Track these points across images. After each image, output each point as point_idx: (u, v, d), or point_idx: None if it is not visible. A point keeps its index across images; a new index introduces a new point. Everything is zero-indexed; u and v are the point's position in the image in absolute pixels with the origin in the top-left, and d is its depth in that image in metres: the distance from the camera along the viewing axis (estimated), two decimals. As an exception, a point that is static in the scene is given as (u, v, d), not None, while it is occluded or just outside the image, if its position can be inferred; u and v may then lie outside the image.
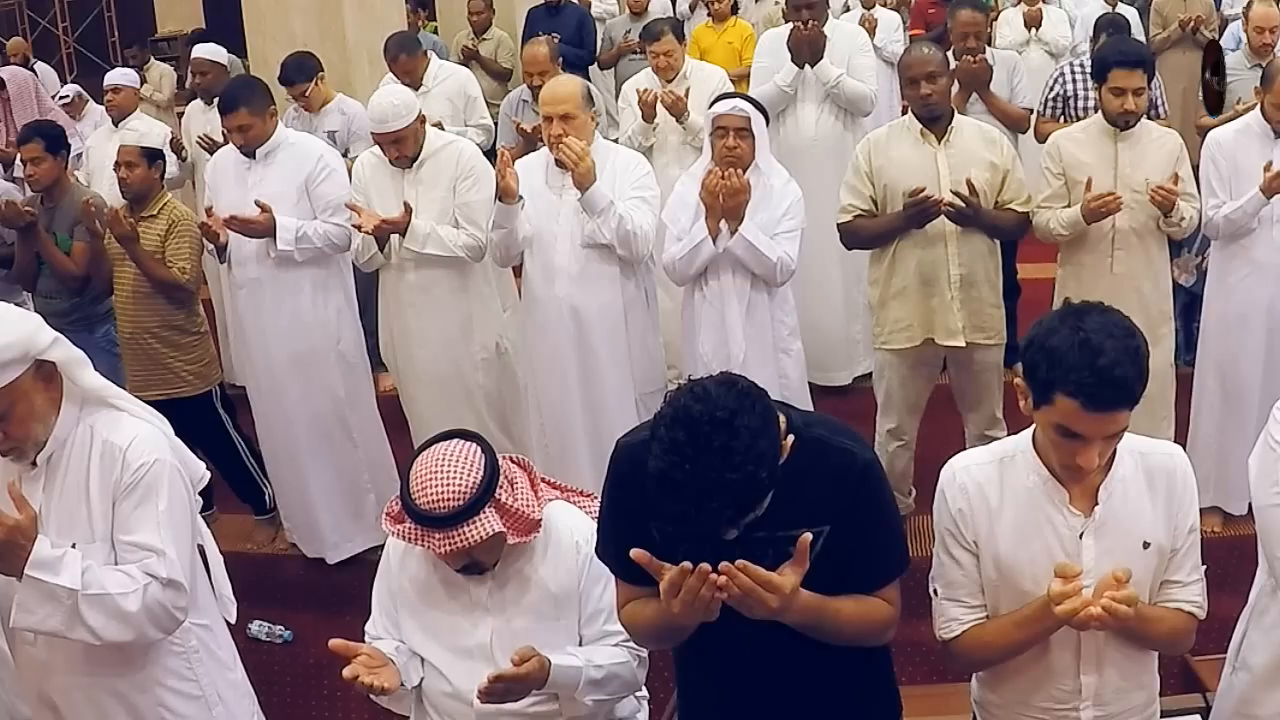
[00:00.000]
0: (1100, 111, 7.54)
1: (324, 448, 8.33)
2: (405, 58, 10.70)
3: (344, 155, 9.29)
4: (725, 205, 7.08)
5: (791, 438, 3.74)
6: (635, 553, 3.67)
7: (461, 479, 4.34)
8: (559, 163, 7.22)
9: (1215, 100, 7.67)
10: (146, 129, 10.03)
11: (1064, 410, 3.76)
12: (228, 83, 8.76)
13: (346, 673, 4.46)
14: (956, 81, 8.54)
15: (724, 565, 3.58)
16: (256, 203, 7.77)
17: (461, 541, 4.31)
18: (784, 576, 3.66)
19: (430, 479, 4.35)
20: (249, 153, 8.00)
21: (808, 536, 3.65)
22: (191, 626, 4.84)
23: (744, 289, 7.35)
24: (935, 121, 7.44)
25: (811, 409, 7.27)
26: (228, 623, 5.17)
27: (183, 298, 8.28)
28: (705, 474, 3.44)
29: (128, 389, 7.29)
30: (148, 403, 5.05)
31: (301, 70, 10.14)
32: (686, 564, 3.58)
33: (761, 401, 3.60)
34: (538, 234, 7.48)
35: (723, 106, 7.35)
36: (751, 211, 7.16)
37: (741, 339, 7.35)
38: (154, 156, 8.31)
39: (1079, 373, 3.68)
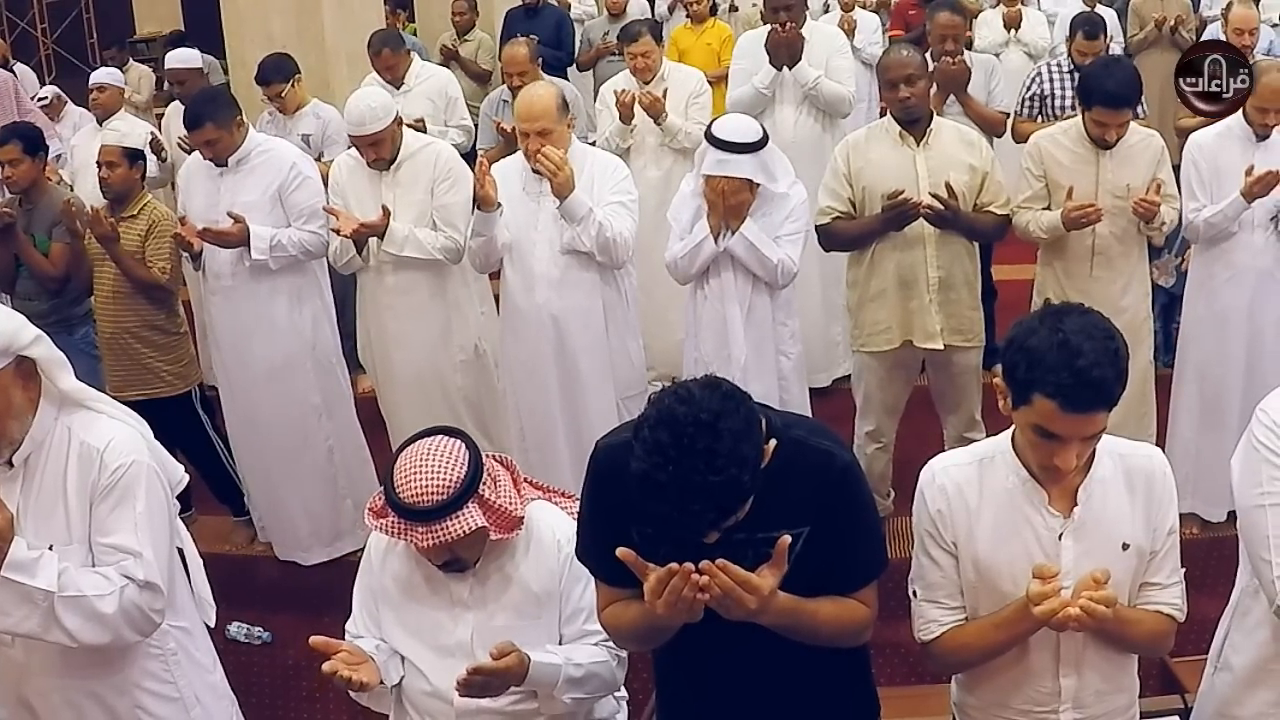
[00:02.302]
0: (1081, 119, 7.53)
1: (299, 454, 8.30)
2: (389, 52, 10.71)
3: (318, 159, 9.28)
4: (727, 204, 7.05)
5: (774, 442, 3.73)
6: (621, 552, 3.66)
7: (446, 473, 4.35)
8: (537, 170, 7.18)
9: (1201, 104, 7.65)
10: (128, 129, 10.01)
11: (1042, 411, 3.77)
12: (191, 97, 8.73)
13: (326, 667, 4.46)
14: (934, 84, 8.53)
15: (704, 564, 3.58)
16: (230, 214, 7.75)
17: (444, 535, 4.32)
18: (762, 578, 3.66)
19: (415, 473, 4.36)
20: (220, 161, 7.97)
21: (786, 539, 3.65)
22: (170, 629, 4.83)
23: (745, 290, 7.29)
24: (914, 124, 7.43)
25: (810, 413, 7.28)
26: (206, 625, 5.17)
27: (163, 298, 8.28)
28: (688, 476, 3.43)
29: (108, 389, 7.38)
30: (127, 403, 5.06)
31: (279, 70, 10.14)
32: (673, 564, 3.59)
33: (745, 405, 3.60)
34: (516, 241, 7.45)
35: (714, 167, 7.02)
36: (755, 213, 7.14)
37: (742, 341, 7.29)
38: (135, 157, 8.31)
39: (1057, 374, 3.69)
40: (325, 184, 8.14)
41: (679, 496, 3.45)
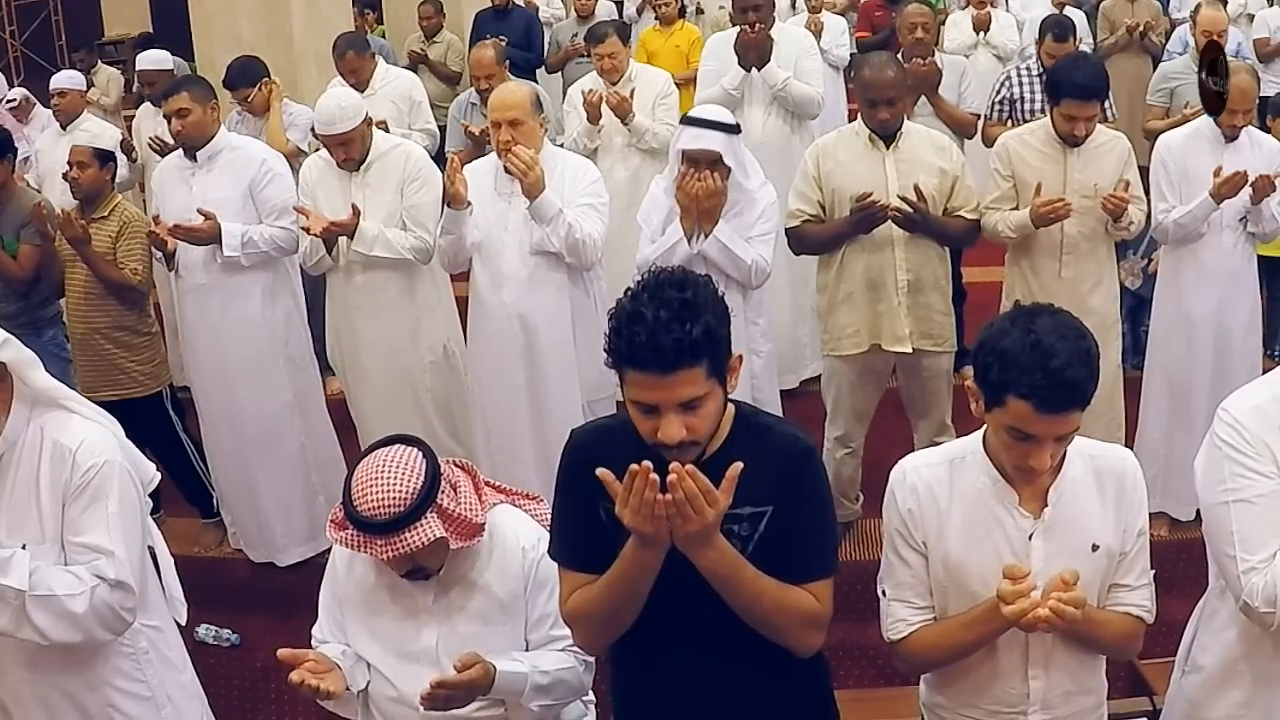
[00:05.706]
0: (1050, 117, 7.55)
1: (272, 451, 8.29)
2: (353, 55, 10.65)
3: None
4: (700, 207, 7.04)
5: (732, 408, 3.92)
6: (600, 472, 3.67)
7: (402, 485, 4.33)
8: (508, 170, 7.17)
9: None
10: (99, 130, 10.05)
11: (1016, 412, 3.79)
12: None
13: (293, 677, 4.45)
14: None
15: (674, 465, 3.61)
16: (200, 210, 7.74)
17: (403, 547, 4.31)
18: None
19: (371, 485, 4.34)
20: (191, 155, 7.99)
21: (738, 465, 3.66)
22: (141, 627, 4.85)
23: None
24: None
25: (780, 411, 7.29)
26: (178, 624, 5.17)
27: (134, 299, 8.26)
28: (667, 302, 3.64)
29: (79, 390, 7.31)
30: (98, 403, 5.05)
31: (245, 74, 10.11)
32: (634, 466, 3.61)
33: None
34: (486, 241, 7.43)
35: (689, 141, 7.12)
36: (727, 214, 7.12)
37: None
38: (106, 158, 8.30)
39: (1031, 375, 3.71)
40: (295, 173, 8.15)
41: (654, 313, 3.63)
